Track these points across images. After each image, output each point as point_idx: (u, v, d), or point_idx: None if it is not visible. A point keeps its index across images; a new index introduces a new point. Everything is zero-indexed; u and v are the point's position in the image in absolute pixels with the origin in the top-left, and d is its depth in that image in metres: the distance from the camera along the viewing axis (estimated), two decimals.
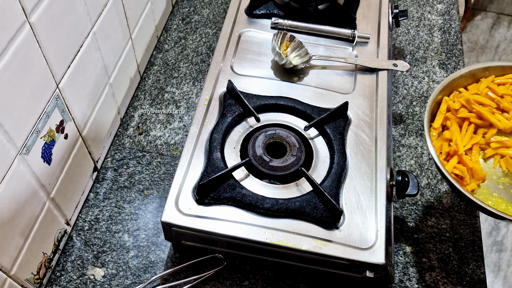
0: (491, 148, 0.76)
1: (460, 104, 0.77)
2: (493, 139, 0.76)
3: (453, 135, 0.74)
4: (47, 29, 0.64)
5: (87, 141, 0.83)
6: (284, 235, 0.70)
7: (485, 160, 0.76)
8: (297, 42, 0.93)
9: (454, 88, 0.79)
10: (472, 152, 0.75)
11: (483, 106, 0.77)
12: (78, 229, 0.84)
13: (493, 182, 0.74)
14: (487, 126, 0.77)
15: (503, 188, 0.74)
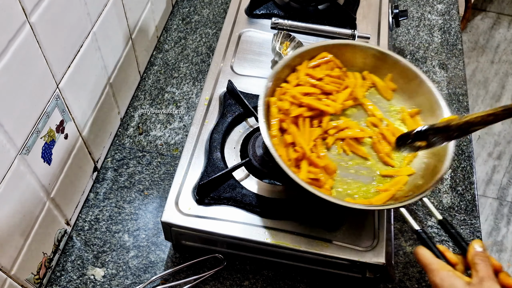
0: (330, 135, 0.74)
1: (289, 102, 0.73)
2: (329, 126, 0.74)
3: (295, 137, 0.69)
4: (47, 29, 0.64)
5: (87, 141, 0.83)
6: (284, 235, 0.70)
7: (329, 150, 0.73)
8: (297, 42, 0.93)
9: (277, 85, 0.74)
10: (317, 148, 0.72)
11: (309, 96, 0.74)
12: (78, 229, 0.84)
13: (343, 169, 0.72)
14: (319, 115, 0.74)
15: (354, 171, 0.72)
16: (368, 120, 0.77)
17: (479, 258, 0.55)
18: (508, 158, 2.13)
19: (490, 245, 0.59)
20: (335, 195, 0.69)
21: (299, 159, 0.69)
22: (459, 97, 1.06)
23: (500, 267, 0.56)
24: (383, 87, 0.79)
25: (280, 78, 0.75)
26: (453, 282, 0.53)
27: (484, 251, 0.56)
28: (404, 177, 0.70)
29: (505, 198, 2.02)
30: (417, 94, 0.76)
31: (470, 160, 0.96)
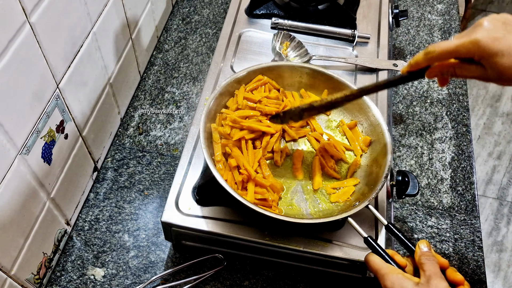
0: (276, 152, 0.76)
1: (229, 126, 0.74)
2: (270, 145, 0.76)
3: (239, 160, 0.71)
4: (47, 29, 0.64)
5: (87, 141, 0.83)
6: (284, 235, 0.70)
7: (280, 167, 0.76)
8: (297, 42, 0.93)
9: (217, 111, 0.77)
10: (262, 168, 0.73)
11: (249, 119, 0.76)
12: (78, 229, 0.84)
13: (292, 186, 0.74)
14: (261, 135, 0.76)
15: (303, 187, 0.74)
16: (311, 135, 0.79)
17: (425, 258, 0.56)
18: (508, 158, 2.13)
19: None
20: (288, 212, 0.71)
21: (245, 181, 0.70)
22: (459, 97, 1.06)
23: (447, 264, 0.57)
24: None
25: (220, 104, 0.77)
26: (402, 284, 0.54)
27: (430, 250, 0.57)
28: (350, 188, 0.73)
29: (505, 198, 2.02)
30: (352, 106, 0.80)
31: (470, 160, 0.96)
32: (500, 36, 0.51)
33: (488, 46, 0.51)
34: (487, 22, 0.52)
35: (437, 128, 1.00)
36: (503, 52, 0.50)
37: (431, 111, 1.03)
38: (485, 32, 0.51)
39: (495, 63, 0.51)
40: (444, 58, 0.56)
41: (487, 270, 1.83)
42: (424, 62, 0.58)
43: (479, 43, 0.51)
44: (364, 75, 0.91)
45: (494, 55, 0.51)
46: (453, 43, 0.54)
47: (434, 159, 0.96)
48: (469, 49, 0.52)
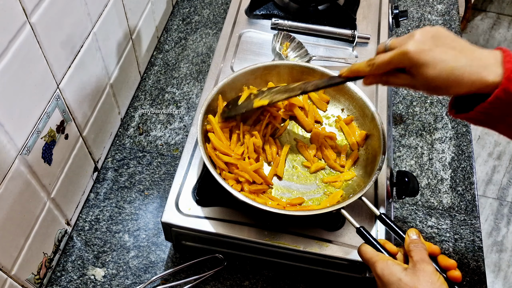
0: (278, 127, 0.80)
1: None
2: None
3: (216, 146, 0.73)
4: (47, 29, 0.64)
5: (87, 141, 0.83)
6: (284, 235, 0.70)
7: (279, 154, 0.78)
8: (297, 42, 0.93)
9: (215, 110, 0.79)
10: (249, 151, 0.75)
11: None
12: (79, 229, 0.84)
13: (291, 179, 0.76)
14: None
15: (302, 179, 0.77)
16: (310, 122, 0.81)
17: (414, 245, 0.58)
18: (508, 158, 2.13)
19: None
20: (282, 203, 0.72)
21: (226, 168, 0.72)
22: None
23: (438, 251, 0.59)
24: (317, 99, 0.84)
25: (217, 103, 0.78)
26: (391, 270, 0.56)
27: (419, 238, 0.59)
28: (345, 183, 0.75)
29: (505, 198, 2.02)
30: (348, 102, 0.81)
31: (470, 160, 0.96)
32: (427, 48, 0.55)
33: (416, 57, 0.55)
34: (418, 34, 0.56)
35: (437, 128, 1.00)
36: (428, 63, 0.55)
37: (431, 111, 1.03)
38: (415, 44, 0.56)
39: (422, 73, 0.56)
40: (383, 68, 0.60)
41: (487, 270, 1.83)
42: (365, 72, 0.63)
43: (408, 54, 0.56)
44: None
45: (421, 66, 0.55)
46: (388, 55, 0.58)
47: (434, 159, 0.96)
48: (400, 60, 0.57)
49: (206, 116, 0.75)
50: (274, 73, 0.82)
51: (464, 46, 0.56)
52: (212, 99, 0.76)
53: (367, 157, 0.76)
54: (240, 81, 0.80)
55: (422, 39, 0.56)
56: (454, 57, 0.55)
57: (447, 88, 0.56)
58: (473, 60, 0.55)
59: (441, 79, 0.55)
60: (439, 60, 0.55)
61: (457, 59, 0.55)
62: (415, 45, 0.56)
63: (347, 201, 0.66)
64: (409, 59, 0.56)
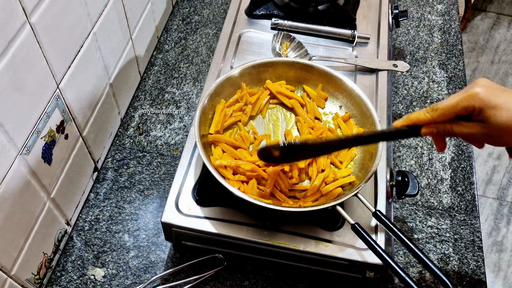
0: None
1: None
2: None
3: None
4: (47, 29, 0.64)
5: (87, 141, 0.83)
6: (284, 235, 0.70)
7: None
8: (297, 42, 0.93)
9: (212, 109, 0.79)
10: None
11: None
12: (79, 229, 0.84)
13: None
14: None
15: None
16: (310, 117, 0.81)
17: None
18: (508, 158, 2.13)
19: None
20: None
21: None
22: None
23: None
24: (316, 97, 0.84)
25: (215, 101, 0.79)
26: None
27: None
28: (341, 179, 0.74)
29: (505, 198, 2.03)
30: (346, 99, 0.82)
31: (470, 160, 0.96)
32: (497, 92, 0.54)
33: (487, 98, 0.53)
34: (483, 80, 0.55)
35: None
36: (501, 106, 0.53)
37: None
38: (484, 88, 0.54)
39: (494, 116, 0.53)
40: (448, 114, 0.57)
41: (487, 270, 1.83)
42: (427, 120, 0.58)
43: (479, 95, 0.54)
44: (364, 76, 0.91)
45: (493, 108, 0.53)
46: (454, 99, 0.56)
47: (434, 159, 0.96)
48: (469, 102, 0.54)
49: (204, 113, 0.75)
50: (271, 70, 0.82)
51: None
52: (210, 95, 0.76)
53: (364, 155, 0.76)
54: (238, 78, 0.80)
55: (489, 84, 0.55)
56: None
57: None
58: None
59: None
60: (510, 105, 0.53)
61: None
62: (484, 88, 0.54)
63: (343, 198, 0.66)
64: (480, 100, 0.54)
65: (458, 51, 1.15)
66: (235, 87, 0.80)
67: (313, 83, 0.84)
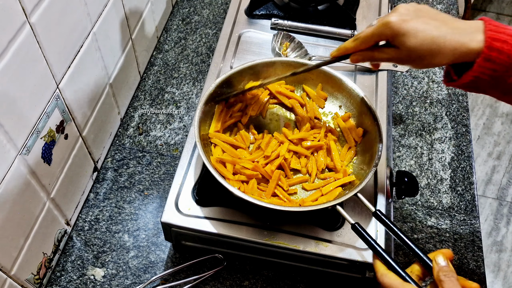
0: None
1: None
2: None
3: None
4: (47, 29, 0.64)
5: (87, 141, 0.83)
6: (284, 235, 0.70)
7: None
8: (296, 42, 0.93)
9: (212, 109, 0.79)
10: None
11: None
12: (78, 229, 0.84)
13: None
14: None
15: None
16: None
17: (445, 275, 0.54)
18: (507, 158, 2.13)
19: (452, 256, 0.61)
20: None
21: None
22: (459, 97, 1.06)
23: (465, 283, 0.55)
24: (315, 96, 0.84)
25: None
26: None
27: (448, 265, 0.56)
28: (342, 179, 0.74)
29: (504, 198, 2.03)
30: (346, 99, 0.82)
31: (470, 160, 0.96)
32: (408, 19, 0.57)
33: (397, 26, 0.57)
34: (401, 7, 0.59)
35: (436, 128, 1.00)
36: (409, 32, 0.57)
37: (430, 111, 1.03)
38: (396, 15, 0.58)
39: (404, 43, 0.58)
40: (368, 42, 0.62)
41: (486, 270, 1.83)
42: (352, 48, 0.65)
43: (389, 24, 0.58)
44: (364, 76, 0.91)
45: (402, 35, 0.57)
46: (371, 29, 0.61)
47: (433, 159, 0.96)
48: (382, 30, 0.59)
49: (203, 113, 0.75)
50: (271, 70, 0.83)
51: (446, 17, 0.58)
52: (210, 94, 0.76)
53: (364, 154, 0.76)
54: (238, 77, 0.80)
55: (405, 11, 0.58)
56: (435, 27, 0.56)
57: (430, 57, 0.57)
58: (454, 29, 0.56)
59: (424, 48, 0.56)
60: (421, 29, 0.56)
61: (438, 28, 0.56)
62: (397, 16, 0.58)
63: (343, 197, 0.66)
64: (391, 28, 0.58)
65: None
66: (234, 87, 0.80)
67: (312, 83, 0.84)
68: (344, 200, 0.66)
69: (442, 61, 0.57)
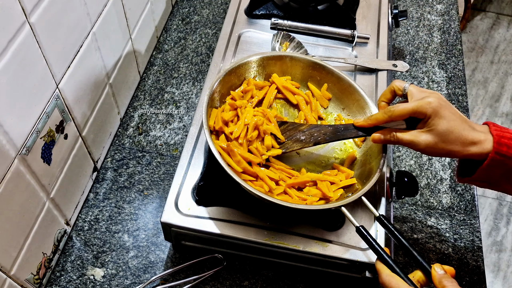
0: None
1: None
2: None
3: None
4: (47, 29, 0.64)
5: (87, 141, 0.83)
6: (283, 235, 0.70)
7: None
8: (296, 42, 0.93)
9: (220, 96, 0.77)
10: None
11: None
12: (78, 229, 0.84)
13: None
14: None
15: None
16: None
17: (447, 280, 0.57)
18: None
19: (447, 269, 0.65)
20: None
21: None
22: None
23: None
24: (320, 96, 0.84)
25: (224, 86, 0.78)
26: None
27: (447, 274, 0.59)
28: (343, 181, 0.74)
29: (504, 198, 2.03)
30: (350, 101, 0.82)
31: None
32: (445, 105, 0.64)
33: (438, 108, 0.63)
34: (438, 94, 0.66)
35: None
36: (445, 117, 0.63)
37: None
38: (437, 99, 0.64)
39: (438, 124, 0.63)
40: (403, 115, 0.66)
41: (486, 270, 1.83)
42: (384, 120, 0.69)
43: (432, 104, 0.63)
44: (364, 76, 0.91)
45: (439, 117, 0.63)
46: (411, 104, 0.65)
47: (433, 159, 0.96)
48: (424, 108, 0.64)
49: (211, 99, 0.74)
50: (279, 64, 0.82)
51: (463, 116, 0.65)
52: (219, 81, 0.76)
53: (365, 157, 0.76)
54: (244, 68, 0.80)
55: (441, 97, 0.65)
56: (461, 120, 0.64)
57: (453, 144, 0.63)
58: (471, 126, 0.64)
59: (452, 135, 0.63)
60: (453, 118, 0.63)
61: (463, 122, 0.64)
62: (438, 99, 0.64)
63: (348, 199, 0.66)
64: (433, 108, 0.63)
65: (458, 51, 1.15)
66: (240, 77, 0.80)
67: (318, 82, 0.84)
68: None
69: (460, 152, 0.63)
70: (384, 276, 0.59)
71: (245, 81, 0.81)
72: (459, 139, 0.63)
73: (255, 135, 0.73)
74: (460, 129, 0.63)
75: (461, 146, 0.63)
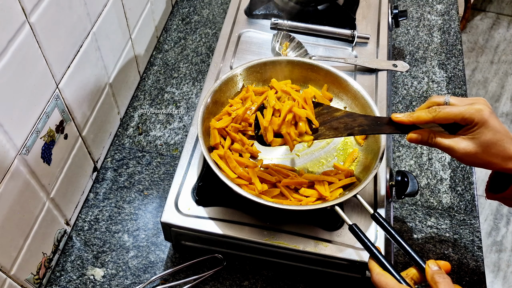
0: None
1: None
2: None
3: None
4: (47, 29, 0.64)
5: (87, 141, 0.83)
6: (283, 235, 0.70)
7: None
8: (296, 42, 0.93)
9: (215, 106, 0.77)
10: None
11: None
12: (78, 229, 0.84)
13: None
14: None
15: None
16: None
17: (439, 276, 0.57)
18: None
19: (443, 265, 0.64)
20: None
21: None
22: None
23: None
24: (321, 97, 0.83)
25: (219, 98, 0.77)
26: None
27: (441, 269, 0.58)
28: (343, 180, 0.73)
29: None
30: (351, 100, 0.81)
31: None
32: (494, 116, 0.61)
33: (487, 117, 0.60)
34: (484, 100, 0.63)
35: None
36: (492, 128, 0.60)
37: None
38: (487, 108, 0.61)
39: (483, 134, 0.60)
40: (448, 119, 0.62)
41: (486, 270, 1.83)
42: (428, 120, 0.63)
43: (482, 112, 0.60)
44: (364, 76, 0.91)
45: (486, 127, 0.60)
46: (460, 108, 0.61)
47: (433, 159, 0.96)
48: (473, 114, 0.60)
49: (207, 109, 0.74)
50: (278, 69, 0.82)
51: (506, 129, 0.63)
52: (215, 90, 0.76)
53: (366, 156, 0.76)
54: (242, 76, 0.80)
55: (488, 105, 0.62)
56: (505, 131, 0.61)
57: (493, 156, 0.61)
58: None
59: (495, 147, 0.60)
60: (498, 130, 0.61)
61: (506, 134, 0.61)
62: (488, 109, 0.61)
63: (342, 198, 0.66)
64: (482, 116, 0.60)
65: (458, 51, 1.15)
66: (238, 85, 0.80)
67: (318, 83, 0.84)
68: (345, 201, 0.66)
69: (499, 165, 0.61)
70: (374, 275, 0.59)
71: (244, 88, 0.81)
72: (501, 152, 0.61)
73: (291, 117, 0.71)
74: (504, 142, 0.60)
75: (502, 160, 0.61)
